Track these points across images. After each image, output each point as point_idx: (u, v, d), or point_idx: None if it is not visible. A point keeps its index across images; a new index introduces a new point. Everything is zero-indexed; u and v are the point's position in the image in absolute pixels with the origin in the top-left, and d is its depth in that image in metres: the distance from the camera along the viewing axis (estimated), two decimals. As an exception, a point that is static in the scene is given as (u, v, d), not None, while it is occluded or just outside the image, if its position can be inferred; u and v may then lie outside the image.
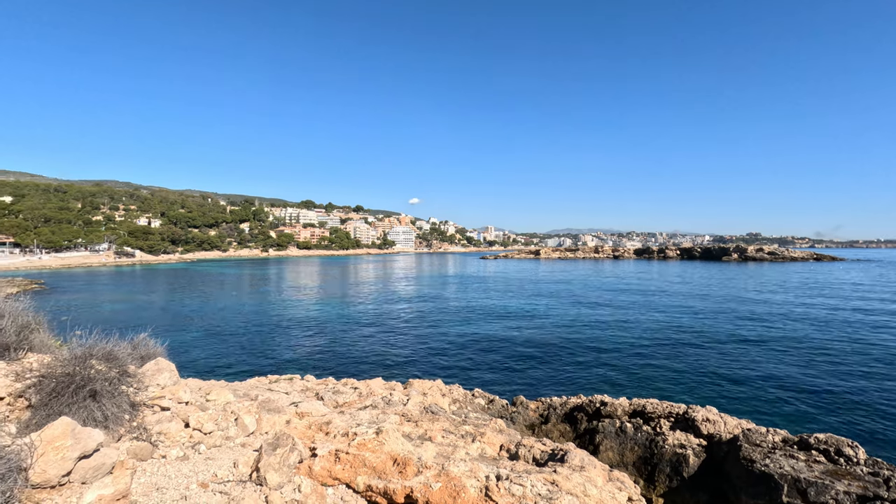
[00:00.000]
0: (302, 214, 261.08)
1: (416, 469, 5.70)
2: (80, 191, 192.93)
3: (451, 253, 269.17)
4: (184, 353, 26.77)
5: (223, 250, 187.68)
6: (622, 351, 27.01)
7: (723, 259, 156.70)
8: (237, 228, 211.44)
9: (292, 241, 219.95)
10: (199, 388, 8.62)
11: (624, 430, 10.96)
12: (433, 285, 72.76)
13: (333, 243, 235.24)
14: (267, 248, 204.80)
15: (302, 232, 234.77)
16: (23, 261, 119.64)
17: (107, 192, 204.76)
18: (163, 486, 5.13)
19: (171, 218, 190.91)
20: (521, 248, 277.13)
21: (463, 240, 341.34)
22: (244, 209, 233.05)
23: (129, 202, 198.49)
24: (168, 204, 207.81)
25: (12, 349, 6.04)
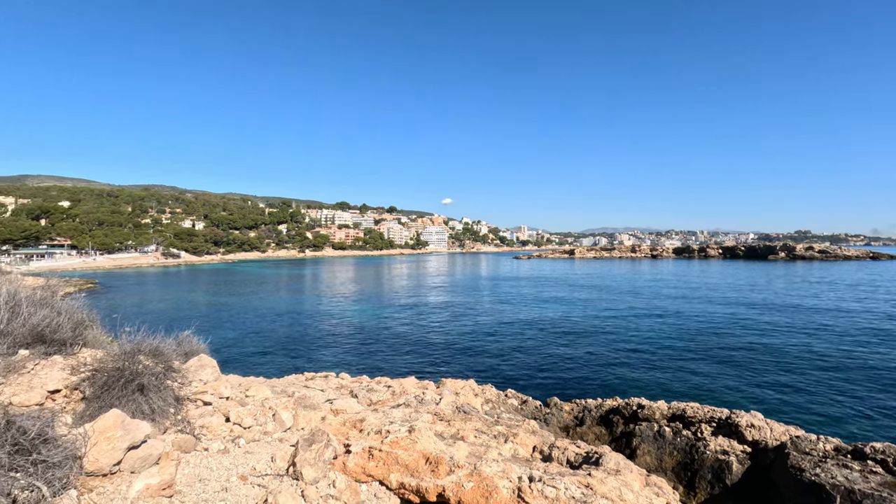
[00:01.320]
0: (337, 215, 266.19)
1: (448, 468, 5.71)
2: (130, 195, 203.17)
3: (484, 253, 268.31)
4: (224, 350, 27.76)
5: (262, 251, 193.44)
6: (659, 353, 26.24)
7: (769, 258, 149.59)
8: (275, 230, 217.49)
9: (328, 242, 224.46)
10: (239, 384, 8.92)
11: (662, 435, 10.64)
12: (466, 285, 72.74)
13: (367, 244, 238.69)
14: (303, 248, 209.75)
15: (337, 233, 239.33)
16: (79, 262, 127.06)
17: (154, 195, 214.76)
18: (205, 478, 5.33)
19: (213, 220, 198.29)
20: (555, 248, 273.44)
21: (496, 240, 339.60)
22: (282, 211, 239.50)
23: (175, 205, 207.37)
24: (210, 207, 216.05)
25: (68, 345, 6.41)
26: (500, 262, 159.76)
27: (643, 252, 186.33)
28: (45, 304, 6.66)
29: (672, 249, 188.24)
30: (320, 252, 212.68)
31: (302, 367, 22.09)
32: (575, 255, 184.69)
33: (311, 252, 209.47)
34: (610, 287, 65.78)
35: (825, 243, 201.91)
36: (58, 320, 6.35)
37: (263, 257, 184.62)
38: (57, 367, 5.75)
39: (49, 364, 5.80)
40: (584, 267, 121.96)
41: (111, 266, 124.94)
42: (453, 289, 67.11)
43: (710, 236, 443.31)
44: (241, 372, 15.93)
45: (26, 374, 5.54)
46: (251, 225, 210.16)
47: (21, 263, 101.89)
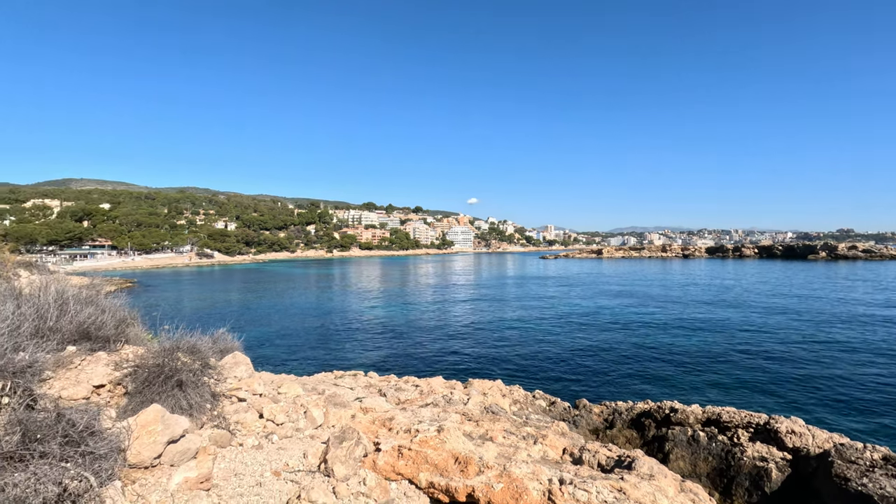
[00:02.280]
0: (364, 216, 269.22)
1: (477, 468, 5.70)
2: (166, 197, 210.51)
3: (510, 253, 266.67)
4: (256, 348, 28.44)
5: (291, 251, 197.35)
6: (690, 356, 25.54)
7: (808, 258, 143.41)
8: (304, 230, 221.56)
9: (355, 242, 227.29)
10: (272, 381, 9.11)
11: (697, 439, 10.35)
12: (492, 285, 72.46)
13: (394, 244, 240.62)
14: (331, 248, 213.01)
15: (364, 233, 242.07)
16: (119, 262, 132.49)
17: (189, 197, 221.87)
18: (240, 473, 5.47)
19: (244, 221, 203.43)
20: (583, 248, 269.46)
21: (522, 239, 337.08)
22: (310, 212, 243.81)
23: (209, 207, 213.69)
24: (242, 208, 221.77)
25: (112, 341, 6.68)
26: (526, 261, 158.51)
27: (674, 251, 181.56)
28: (90, 303, 6.96)
29: (705, 249, 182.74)
30: (347, 252, 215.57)
31: (331, 365, 22.44)
32: (603, 255, 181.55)
33: (339, 252, 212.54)
34: (639, 287, 64.41)
35: (869, 242, 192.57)
36: (102, 318, 6.63)
37: (292, 257, 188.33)
38: (101, 363, 6.00)
39: (94, 360, 6.06)
40: (612, 267, 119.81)
41: (149, 266, 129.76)
42: (479, 289, 66.96)
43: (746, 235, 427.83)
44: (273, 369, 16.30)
45: (74, 370, 5.80)
46: (281, 225, 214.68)
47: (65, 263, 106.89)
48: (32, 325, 5.65)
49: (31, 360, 4.86)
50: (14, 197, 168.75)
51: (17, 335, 5.13)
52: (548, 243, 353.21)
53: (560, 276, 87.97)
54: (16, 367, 4.58)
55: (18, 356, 4.80)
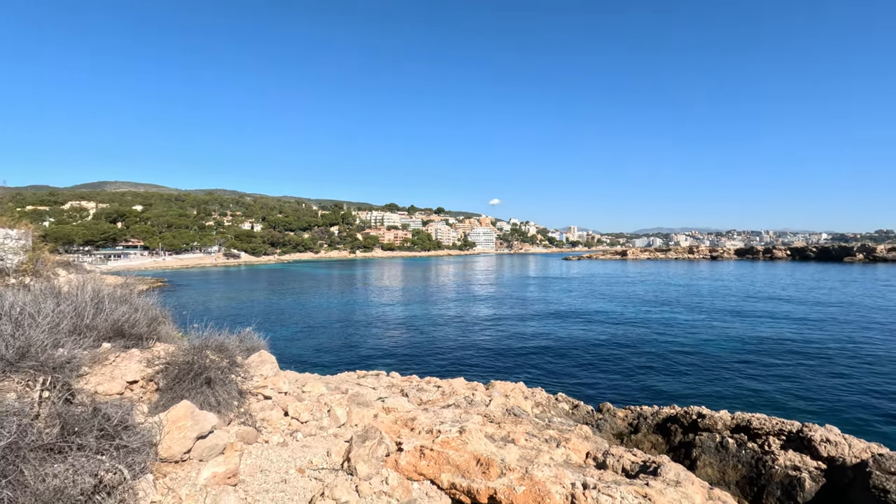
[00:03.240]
0: (386, 217, 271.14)
1: (499, 471, 5.68)
2: (195, 199, 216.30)
3: (533, 254, 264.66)
4: (282, 347, 28.94)
5: (315, 252, 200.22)
6: (718, 360, 24.88)
7: (844, 260, 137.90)
8: (327, 231, 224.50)
9: (377, 243, 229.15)
10: (296, 380, 9.27)
11: (725, 446, 10.08)
12: (514, 286, 72.07)
13: (416, 245, 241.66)
14: (354, 249, 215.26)
15: (386, 234, 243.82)
16: (150, 261, 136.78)
17: (217, 199, 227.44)
18: (266, 469, 5.58)
19: (270, 222, 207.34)
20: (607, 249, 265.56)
21: (544, 240, 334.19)
22: (333, 213, 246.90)
23: (236, 208, 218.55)
24: (268, 210, 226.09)
25: (144, 339, 6.91)
26: (548, 263, 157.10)
27: (701, 253, 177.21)
28: (124, 301, 7.21)
29: (734, 250, 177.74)
30: (370, 253, 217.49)
31: (353, 365, 22.67)
32: (627, 257, 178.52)
33: (361, 253, 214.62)
34: (664, 289, 63.09)
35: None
36: (135, 316, 6.86)
37: (316, 258, 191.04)
38: (134, 360, 6.20)
39: (128, 357, 6.27)
40: (637, 268, 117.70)
41: (178, 266, 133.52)
42: (501, 290, 66.68)
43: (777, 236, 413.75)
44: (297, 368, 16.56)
45: (108, 366, 6.02)
46: (305, 227, 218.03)
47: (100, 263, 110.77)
48: (71, 323, 5.88)
49: (69, 356, 5.06)
50: (53, 199, 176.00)
51: (57, 332, 5.34)
52: (571, 244, 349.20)
53: (583, 278, 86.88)
54: (55, 363, 4.78)
55: (58, 352, 5.01)
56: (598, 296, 56.80)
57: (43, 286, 7.28)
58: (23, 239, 13.95)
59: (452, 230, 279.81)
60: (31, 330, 4.97)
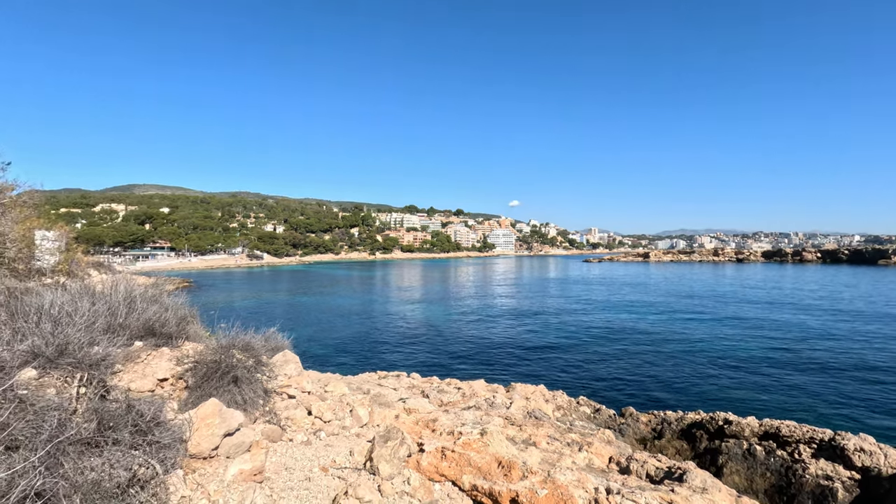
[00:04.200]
0: (405, 219, 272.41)
1: (521, 473, 5.66)
2: (219, 201, 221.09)
3: (553, 256, 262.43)
4: (304, 346, 29.34)
5: (336, 253, 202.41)
6: (744, 366, 24.26)
7: (879, 262, 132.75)
8: (348, 233, 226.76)
9: (397, 245, 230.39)
10: (319, 380, 9.39)
11: (753, 453, 9.83)
12: (534, 288, 71.60)
13: (435, 246, 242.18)
14: (374, 251, 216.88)
15: (405, 236, 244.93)
16: (177, 262, 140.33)
17: (240, 201, 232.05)
18: (290, 467, 5.68)
19: (292, 224, 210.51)
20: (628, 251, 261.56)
21: (565, 242, 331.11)
22: (354, 215, 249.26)
23: (258, 211, 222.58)
24: (290, 212, 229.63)
25: (174, 338, 7.11)
26: (568, 265, 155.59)
27: (727, 255, 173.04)
28: (155, 301, 7.43)
29: (761, 253, 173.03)
30: (390, 254, 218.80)
31: (374, 366, 22.83)
32: (650, 259, 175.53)
33: (381, 254, 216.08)
34: (687, 292, 61.83)
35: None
36: (165, 315, 7.07)
37: (337, 259, 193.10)
38: (165, 358, 6.39)
39: (158, 355, 6.46)
40: (659, 271, 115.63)
41: (203, 266, 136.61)
42: (520, 292, 66.31)
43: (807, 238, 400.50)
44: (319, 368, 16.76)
45: (140, 364, 6.21)
46: (326, 228, 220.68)
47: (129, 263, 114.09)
48: (105, 322, 6.09)
49: (104, 353, 5.24)
50: (85, 202, 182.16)
51: (92, 330, 5.54)
52: (591, 246, 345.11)
53: (604, 280, 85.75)
54: (91, 360, 4.96)
55: (94, 350, 5.19)
56: (620, 299, 56.01)
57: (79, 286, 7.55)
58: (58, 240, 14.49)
59: (472, 232, 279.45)
60: (69, 328, 5.17)
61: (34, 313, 5.59)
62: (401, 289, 72.81)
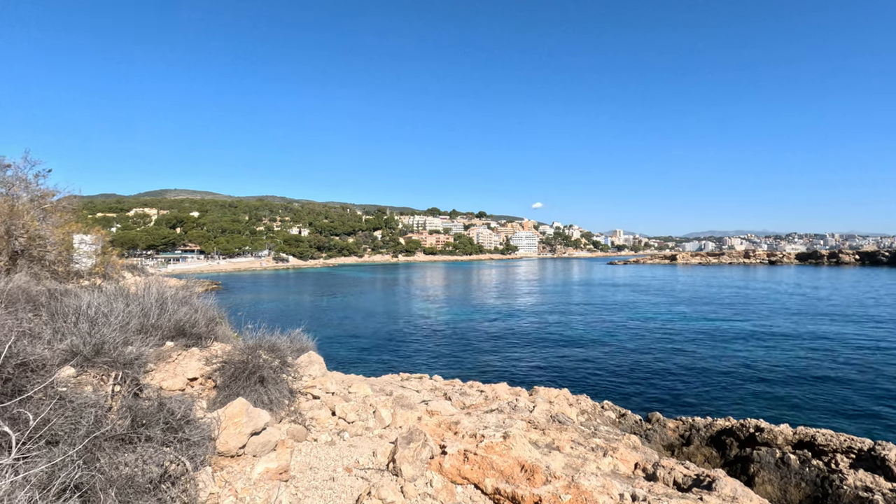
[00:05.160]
0: (428, 221, 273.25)
1: (544, 478, 5.60)
2: (247, 205, 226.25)
3: (576, 258, 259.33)
4: (328, 348, 29.70)
5: (359, 256, 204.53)
6: (775, 372, 23.46)
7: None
8: (371, 236, 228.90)
9: (419, 247, 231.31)
10: (342, 381, 9.50)
11: (786, 462, 9.50)
12: (557, 291, 70.87)
13: (457, 249, 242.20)
14: (397, 253, 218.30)
15: (428, 238, 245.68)
16: (206, 265, 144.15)
17: (267, 205, 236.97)
18: (315, 466, 5.76)
19: (316, 227, 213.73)
20: (654, 253, 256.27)
21: (589, 244, 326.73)
22: (377, 218, 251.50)
23: (284, 214, 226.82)
24: (314, 215, 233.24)
25: (203, 338, 7.30)
26: (593, 267, 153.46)
27: (758, 257, 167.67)
28: (185, 303, 7.65)
29: (795, 255, 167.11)
30: (412, 257, 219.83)
31: (396, 367, 22.96)
32: (677, 261, 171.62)
33: (404, 257, 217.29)
34: (716, 294, 60.19)
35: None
36: (195, 317, 7.27)
37: (360, 262, 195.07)
38: (195, 358, 6.57)
39: (188, 355, 6.64)
40: (687, 274, 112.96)
41: (231, 269, 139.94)
42: (543, 294, 65.70)
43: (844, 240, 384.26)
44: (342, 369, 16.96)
45: (171, 363, 6.40)
46: (349, 231, 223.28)
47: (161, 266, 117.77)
48: (138, 322, 6.30)
49: (137, 353, 5.42)
50: (120, 206, 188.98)
51: (126, 330, 5.74)
52: (616, 248, 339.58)
53: (629, 283, 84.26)
54: (125, 359, 5.14)
55: (128, 349, 5.38)
56: (645, 302, 54.92)
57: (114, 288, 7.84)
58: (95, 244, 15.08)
59: (494, 234, 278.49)
60: (105, 328, 5.37)
61: (73, 314, 5.82)
62: (423, 291, 73.06)
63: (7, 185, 11.68)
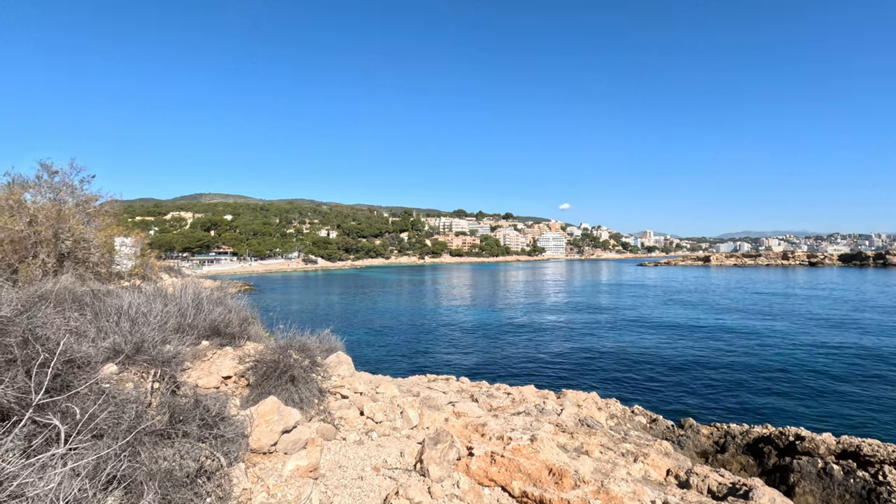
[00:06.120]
0: (454, 223, 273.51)
1: (572, 482, 5.54)
2: (277, 208, 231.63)
3: (605, 260, 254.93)
4: (356, 348, 30.07)
5: (386, 258, 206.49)
6: (815, 377, 22.48)
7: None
8: (397, 238, 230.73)
9: (445, 249, 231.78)
10: (370, 381, 9.61)
11: (829, 473, 9.09)
12: (585, 293, 69.82)
13: (483, 250, 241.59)
14: (423, 255, 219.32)
15: (454, 240, 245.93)
16: (238, 266, 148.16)
17: (297, 208, 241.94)
18: (344, 465, 5.85)
19: (344, 230, 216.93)
20: (687, 254, 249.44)
21: (618, 245, 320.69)
22: (403, 220, 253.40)
23: (313, 217, 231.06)
24: (342, 217, 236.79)
25: (236, 338, 7.52)
26: (622, 269, 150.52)
27: (797, 259, 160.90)
28: (219, 303, 7.89)
29: (837, 256, 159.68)
30: (438, 259, 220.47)
31: (423, 368, 23.05)
32: (710, 262, 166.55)
33: (430, 259, 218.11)
34: (753, 298, 58.11)
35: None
36: (229, 317, 7.50)
37: (387, 263, 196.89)
38: (228, 357, 6.77)
39: (223, 354, 6.85)
40: (721, 276, 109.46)
41: (263, 270, 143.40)
42: (571, 296, 64.84)
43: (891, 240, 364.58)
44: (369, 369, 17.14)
45: (206, 361, 6.61)
46: (376, 233, 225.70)
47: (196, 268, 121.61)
48: (175, 322, 6.54)
49: (175, 351, 5.63)
50: (157, 210, 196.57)
51: (165, 330, 5.97)
52: (646, 250, 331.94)
53: (660, 285, 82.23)
54: (164, 357, 5.34)
55: (166, 348, 5.59)
56: (677, 304, 53.51)
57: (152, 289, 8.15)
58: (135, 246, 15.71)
59: (521, 235, 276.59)
60: (145, 328, 5.60)
61: (114, 313, 6.09)
62: (450, 292, 73.18)
63: (55, 190, 12.30)
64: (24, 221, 10.32)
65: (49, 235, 10.81)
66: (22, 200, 11.21)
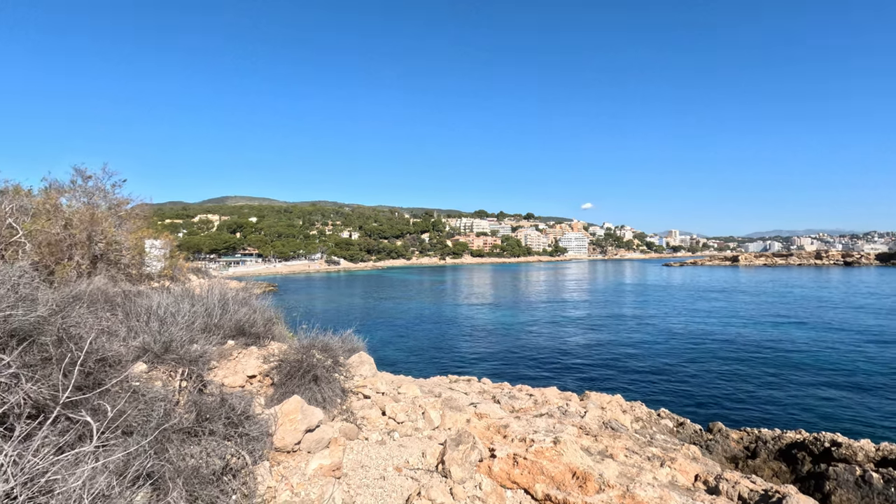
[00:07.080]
0: (475, 224, 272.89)
1: (597, 486, 5.43)
2: (301, 210, 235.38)
3: (629, 260, 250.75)
4: (378, 348, 30.25)
5: (407, 258, 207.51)
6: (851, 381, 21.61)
7: None
8: (419, 239, 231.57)
9: (466, 250, 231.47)
10: (392, 381, 9.64)
11: (868, 481, 8.72)
12: (608, 294, 68.78)
13: (505, 251, 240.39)
14: (444, 256, 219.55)
15: (475, 240, 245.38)
16: (263, 268, 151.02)
17: (319, 210, 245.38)
18: (366, 465, 5.87)
19: (366, 231, 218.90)
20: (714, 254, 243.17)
21: (642, 245, 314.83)
22: (424, 221, 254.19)
23: (336, 219, 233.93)
24: (364, 219, 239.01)
25: (261, 338, 7.64)
26: (646, 269, 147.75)
27: (832, 258, 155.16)
28: (245, 304, 8.03)
29: (874, 255, 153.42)
30: (459, 259, 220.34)
31: (445, 369, 23.05)
32: (739, 262, 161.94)
33: (451, 259, 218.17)
34: (784, 300, 56.28)
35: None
36: (254, 317, 7.62)
37: (408, 264, 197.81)
38: (253, 357, 6.87)
39: (248, 353, 6.96)
40: (750, 276, 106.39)
41: (287, 271, 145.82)
42: (594, 297, 63.97)
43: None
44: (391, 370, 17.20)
45: (232, 361, 6.73)
46: (398, 234, 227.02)
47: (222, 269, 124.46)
48: (202, 322, 6.68)
49: (202, 351, 5.74)
50: (186, 213, 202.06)
51: (192, 329, 6.10)
52: (672, 249, 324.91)
53: (686, 286, 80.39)
54: (191, 357, 5.45)
55: (193, 347, 5.71)
56: (704, 306, 52.23)
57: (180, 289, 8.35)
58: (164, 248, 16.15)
59: (542, 236, 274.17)
60: (173, 327, 5.73)
61: (144, 313, 6.26)
62: (471, 293, 73.06)
63: (89, 194, 12.74)
64: (60, 225, 10.70)
65: (83, 238, 11.19)
66: (58, 204, 11.65)
